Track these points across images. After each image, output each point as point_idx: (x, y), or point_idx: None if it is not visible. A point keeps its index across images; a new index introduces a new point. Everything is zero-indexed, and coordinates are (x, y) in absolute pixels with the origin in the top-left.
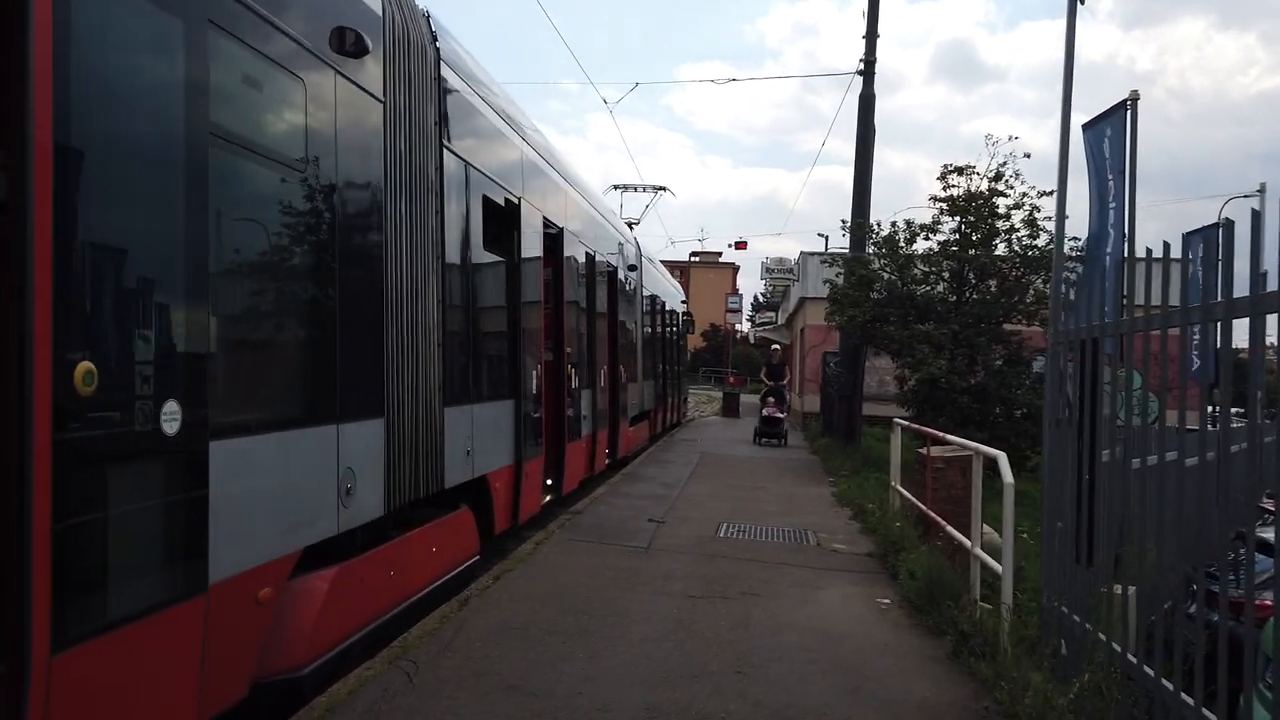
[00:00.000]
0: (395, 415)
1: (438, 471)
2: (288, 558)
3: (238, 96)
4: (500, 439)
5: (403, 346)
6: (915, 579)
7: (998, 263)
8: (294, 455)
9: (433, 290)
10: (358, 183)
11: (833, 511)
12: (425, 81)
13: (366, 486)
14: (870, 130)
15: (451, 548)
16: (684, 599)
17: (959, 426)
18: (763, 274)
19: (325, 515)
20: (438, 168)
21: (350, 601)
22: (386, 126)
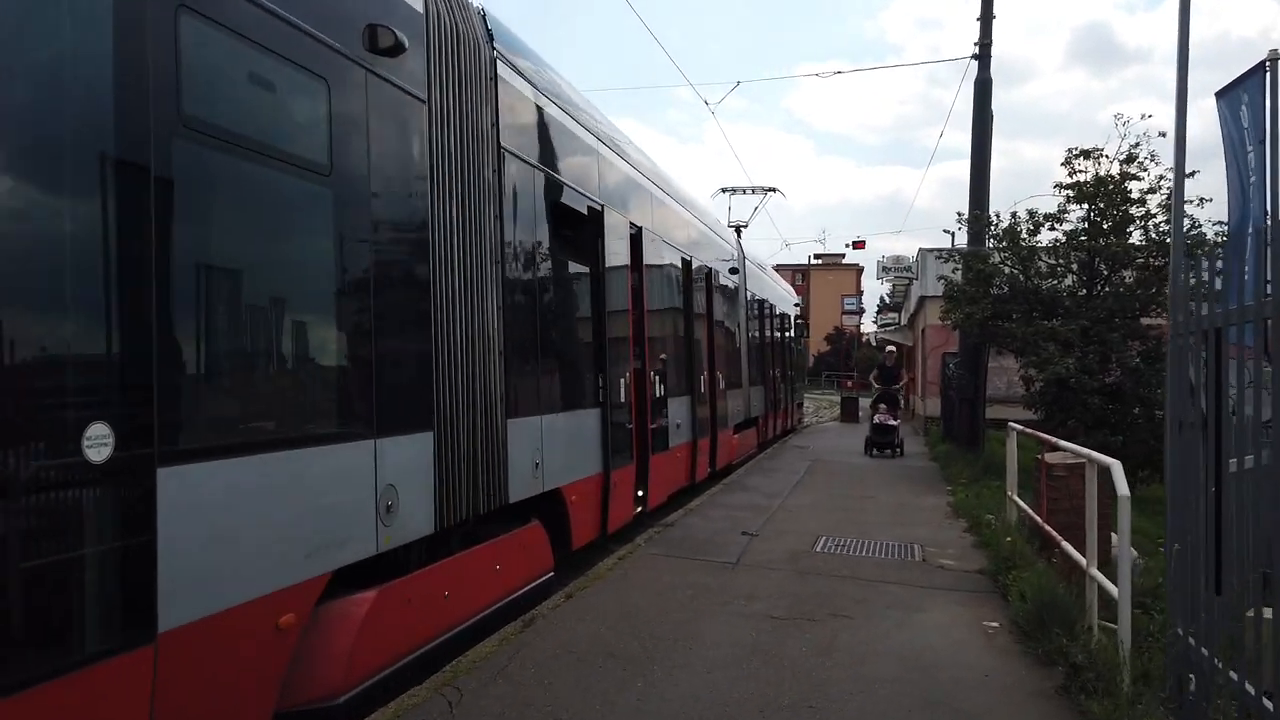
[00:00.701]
0: (446, 428)
1: (499, 486)
2: (312, 582)
3: (238, 92)
4: (578, 450)
5: (454, 357)
6: (1025, 601)
7: (1133, 252)
8: (314, 475)
9: (492, 297)
10: (392, 184)
11: (946, 524)
12: (480, 82)
13: (413, 504)
14: (987, 117)
15: (520, 565)
16: (764, 621)
17: (1091, 430)
18: (878, 273)
19: (360, 535)
20: (496, 171)
21: (396, 624)
22: (431, 127)
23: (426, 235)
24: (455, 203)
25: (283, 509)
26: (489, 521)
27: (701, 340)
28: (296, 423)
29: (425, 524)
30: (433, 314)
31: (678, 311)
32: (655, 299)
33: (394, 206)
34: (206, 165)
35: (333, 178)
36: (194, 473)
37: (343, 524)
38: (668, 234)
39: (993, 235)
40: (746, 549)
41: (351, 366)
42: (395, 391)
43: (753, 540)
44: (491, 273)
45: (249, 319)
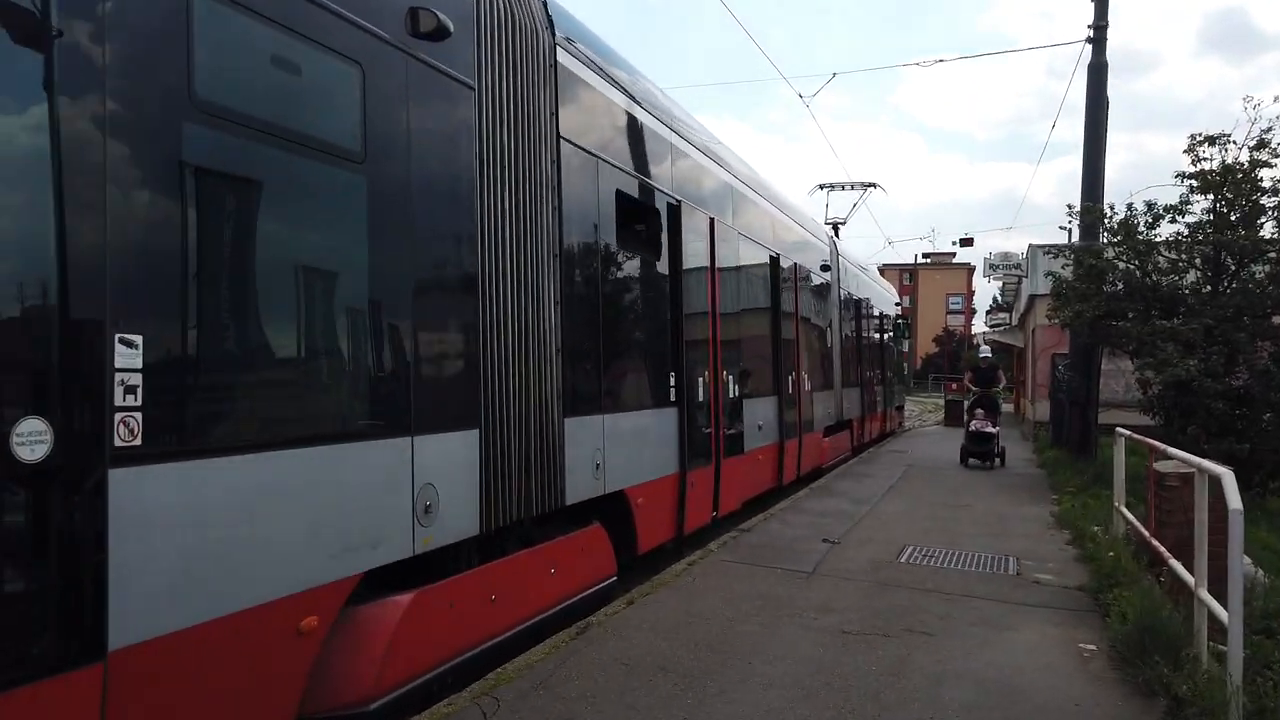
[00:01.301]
0: (495, 426)
1: (555, 487)
2: (339, 584)
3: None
4: (645, 450)
5: (506, 354)
6: (1126, 622)
7: (1264, 245)
8: (336, 474)
9: (549, 291)
10: (435, 172)
11: (1047, 535)
12: (538, 69)
13: (455, 504)
14: (1102, 103)
15: (578, 569)
16: (835, 636)
17: (1215, 437)
18: (985, 271)
19: (395, 536)
20: (554, 161)
21: (437, 628)
22: (481, 115)
23: (474, 225)
24: (508, 193)
25: (297, 510)
26: (548, 523)
27: (788, 340)
28: (310, 419)
29: (469, 525)
30: (481, 308)
31: (761, 310)
32: (735, 297)
33: (436, 194)
34: (218, 149)
35: (367, 165)
36: (160, 474)
37: (374, 524)
38: (749, 229)
39: (1107, 229)
40: (825, 557)
41: (383, 361)
42: (436, 388)
43: (833, 548)
44: (549, 267)
45: (242, 304)
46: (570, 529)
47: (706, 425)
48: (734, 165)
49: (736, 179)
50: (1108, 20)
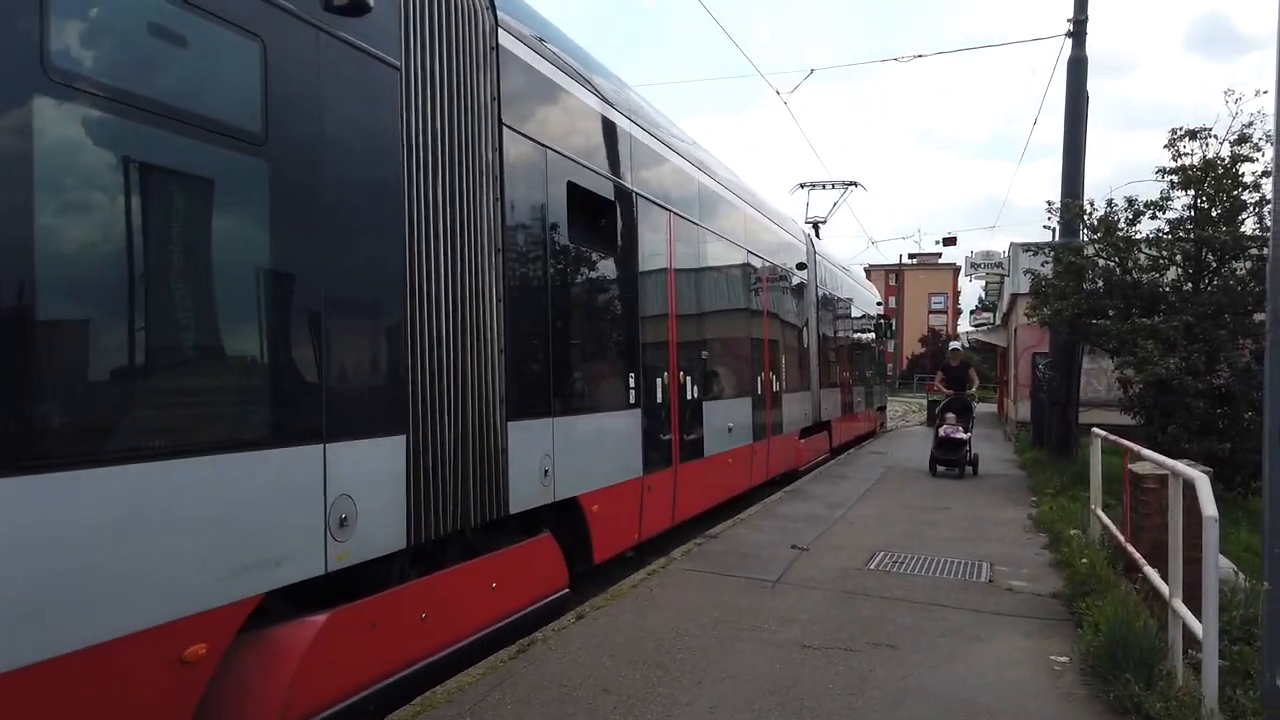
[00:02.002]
0: (426, 432)
1: (497, 495)
2: (232, 607)
3: (135, 44)
4: (600, 455)
5: (440, 353)
6: (1098, 634)
7: (1245, 241)
8: (226, 487)
9: (491, 288)
10: (352, 157)
11: (1023, 539)
12: (476, 51)
13: (377, 516)
14: (1082, 98)
15: (523, 581)
16: (794, 650)
17: (1195, 436)
18: (967, 270)
19: (302, 552)
20: (496, 150)
21: (355, 652)
22: (408, 98)
23: (400, 216)
24: (442, 183)
25: (178, 528)
26: (498, 533)
27: (759, 339)
28: (195, 425)
29: (394, 539)
30: (408, 305)
31: (730, 308)
32: (700, 295)
33: (353, 182)
34: (80, 125)
35: (268, 147)
36: None
37: (276, 540)
38: (716, 225)
39: (1087, 226)
40: (792, 565)
41: (287, 362)
42: (353, 391)
43: (801, 555)
44: (491, 262)
45: (110, 297)
46: (519, 539)
47: (668, 428)
48: (700, 159)
49: (702, 173)
50: (1087, 14)
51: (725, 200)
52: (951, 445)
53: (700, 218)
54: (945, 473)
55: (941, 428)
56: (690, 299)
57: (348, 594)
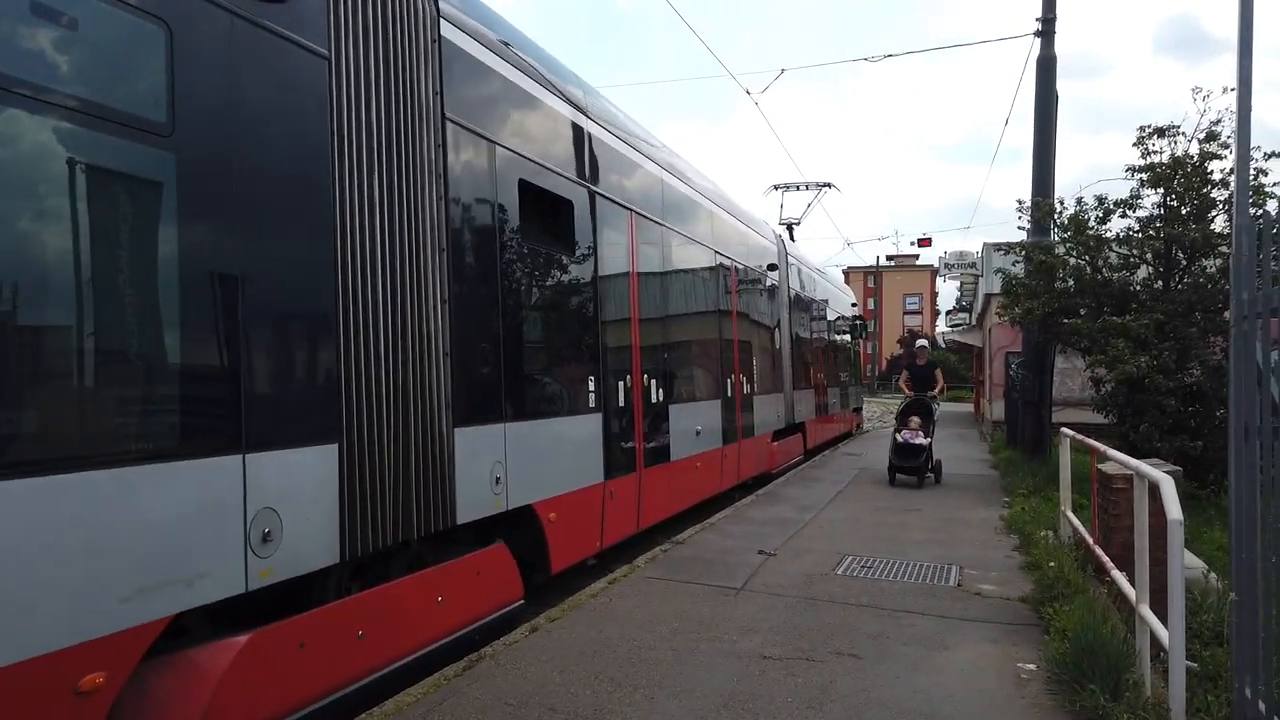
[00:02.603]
0: (361, 439)
1: (442, 505)
2: (136, 631)
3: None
4: (558, 461)
5: (376, 357)
6: (1065, 640)
7: (1215, 239)
8: (131, 501)
9: (434, 288)
10: (272, 150)
11: (994, 541)
12: (416, 42)
13: (305, 530)
14: (1052, 97)
15: (473, 594)
16: (754, 662)
17: (1167, 434)
18: (941, 270)
19: (218, 570)
20: (439, 145)
21: (281, 675)
22: (339, 89)
23: (329, 213)
24: (378, 179)
25: (69, 547)
26: (453, 544)
27: (728, 341)
28: (89, 435)
29: (325, 554)
30: (340, 307)
31: (697, 309)
32: (665, 295)
33: (273, 177)
34: None
35: (175, 139)
36: None
37: (187, 558)
38: (682, 224)
39: (1057, 224)
40: (758, 571)
41: (199, 368)
42: (277, 398)
43: (768, 560)
44: (434, 261)
45: None
46: (471, 549)
47: (632, 432)
48: (665, 158)
49: (667, 172)
50: (1055, 13)
51: (691, 200)
52: (911, 451)
53: (664, 217)
54: (904, 481)
55: (900, 432)
56: (655, 300)
57: (283, 611)
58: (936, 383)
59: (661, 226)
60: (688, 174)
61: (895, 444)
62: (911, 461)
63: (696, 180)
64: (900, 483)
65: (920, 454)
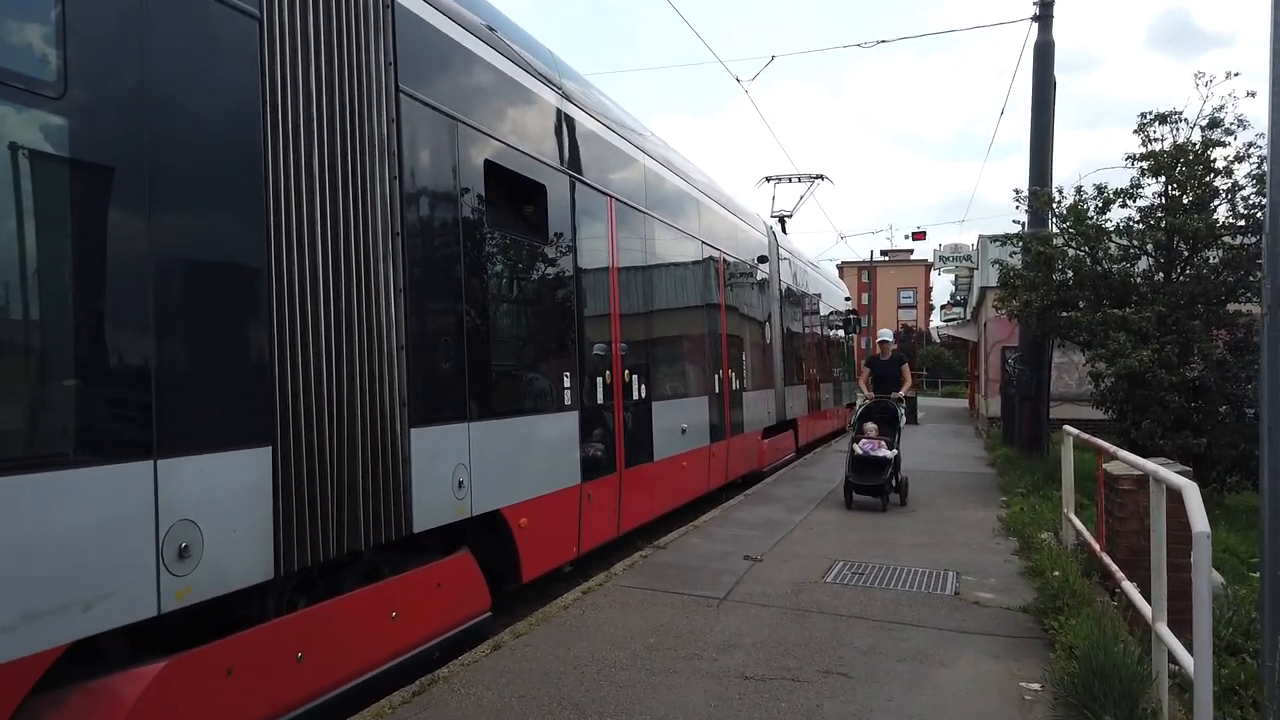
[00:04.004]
0: (299, 442)
1: (396, 512)
2: (17, 665)
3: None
4: (530, 462)
5: (317, 350)
6: (1073, 658)
7: (1218, 229)
8: (10, 515)
9: (387, 276)
10: (189, 118)
11: (992, 544)
12: (364, 6)
13: (230, 543)
14: (1049, 85)
15: (433, 608)
16: (734, 683)
17: (1169, 431)
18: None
19: (125, 591)
20: (392, 120)
21: (204, 706)
22: (271, 54)
23: (257, 190)
24: (318, 155)
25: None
26: (414, 552)
27: (715, 335)
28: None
29: (256, 569)
30: (271, 295)
31: (681, 303)
32: (648, 287)
33: (190, 147)
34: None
35: (68, 101)
36: None
37: (83, 580)
38: (666, 213)
39: (1056, 215)
40: (742, 579)
41: (97, 362)
42: (195, 396)
43: (754, 567)
44: (386, 247)
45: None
46: (434, 559)
47: (611, 431)
48: (647, 142)
49: (650, 158)
50: None
51: (677, 188)
52: (871, 466)
53: (648, 205)
54: (865, 503)
55: (859, 442)
56: (636, 292)
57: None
58: (904, 381)
59: (645, 215)
60: (674, 161)
61: (852, 457)
62: (873, 479)
63: (683, 168)
64: (860, 505)
65: (883, 469)
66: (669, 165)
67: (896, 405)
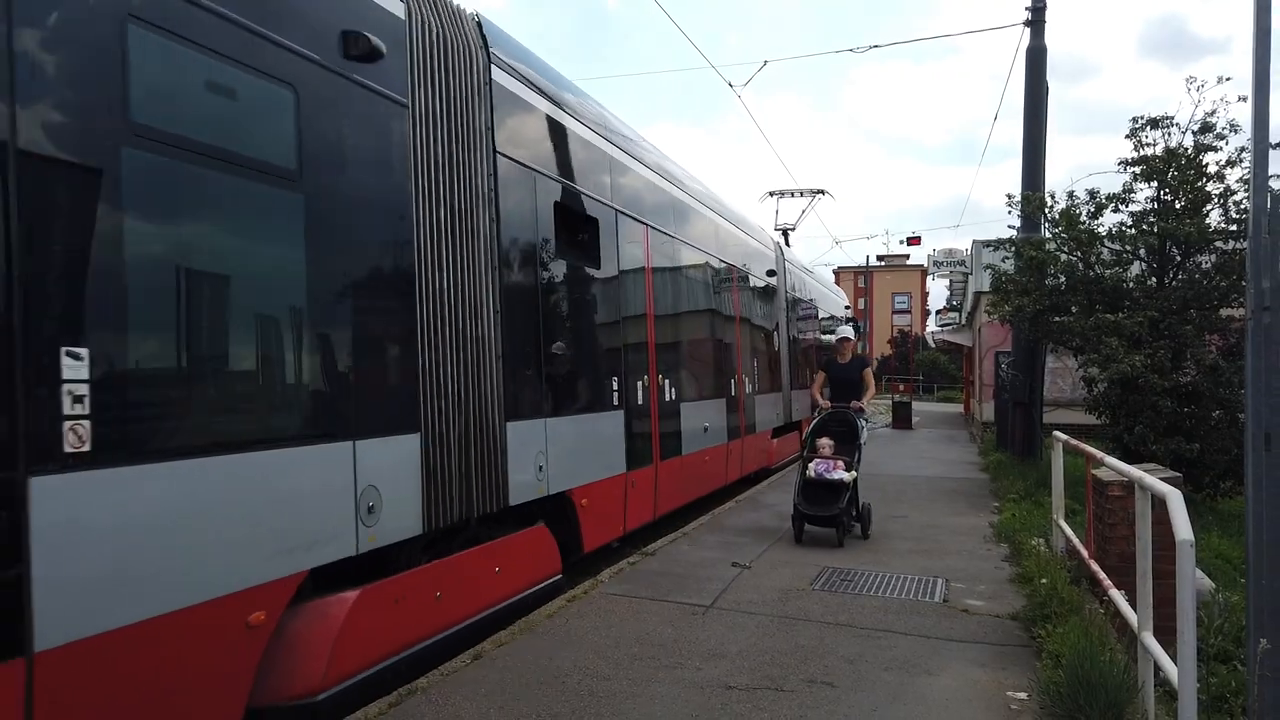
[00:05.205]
0: (435, 431)
1: (497, 489)
2: (282, 582)
3: (186, 95)
4: (588, 453)
5: (445, 361)
6: (1059, 667)
7: (1210, 234)
8: (276, 477)
9: (488, 300)
10: (369, 184)
11: (983, 550)
12: (473, 87)
13: (397, 505)
14: (1042, 89)
15: (523, 567)
16: (716, 693)
17: (1162, 436)
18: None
19: (338, 536)
20: (491, 174)
21: (382, 624)
22: (415, 131)
23: (410, 238)
24: (444, 207)
25: (238, 512)
26: (500, 524)
27: (730, 344)
28: (247, 424)
29: (412, 525)
30: (418, 319)
31: (703, 314)
32: (676, 302)
33: (371, 207)
34: (152, 168)
35: (302, 183)
36: (92, 481)
37: (317, 525)
38: (691, 237)
39: (1048, 219)
40: (730, 586)
41: (319, 368)
42: (376, 395)
43: (741, 574)
44: (488, 276)
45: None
46: (517, 529)
47: (649, 428)
48: (675, 175)
49: (677, 188)
50: (1046, 2)
51: (698, 213)
52: (824, 492)
53: (675, 230)
54: (818, 536)
55: (811, 462)
56: (667, 306)
57: (376, 574)
58: (866, 388)
59: (673, 239)
60: (694, 188)
61: (802, 480)
62: (826, 507)
63: (702, 193)
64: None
65: (839, 495)
66: (690, 192)
67: (857, 417)
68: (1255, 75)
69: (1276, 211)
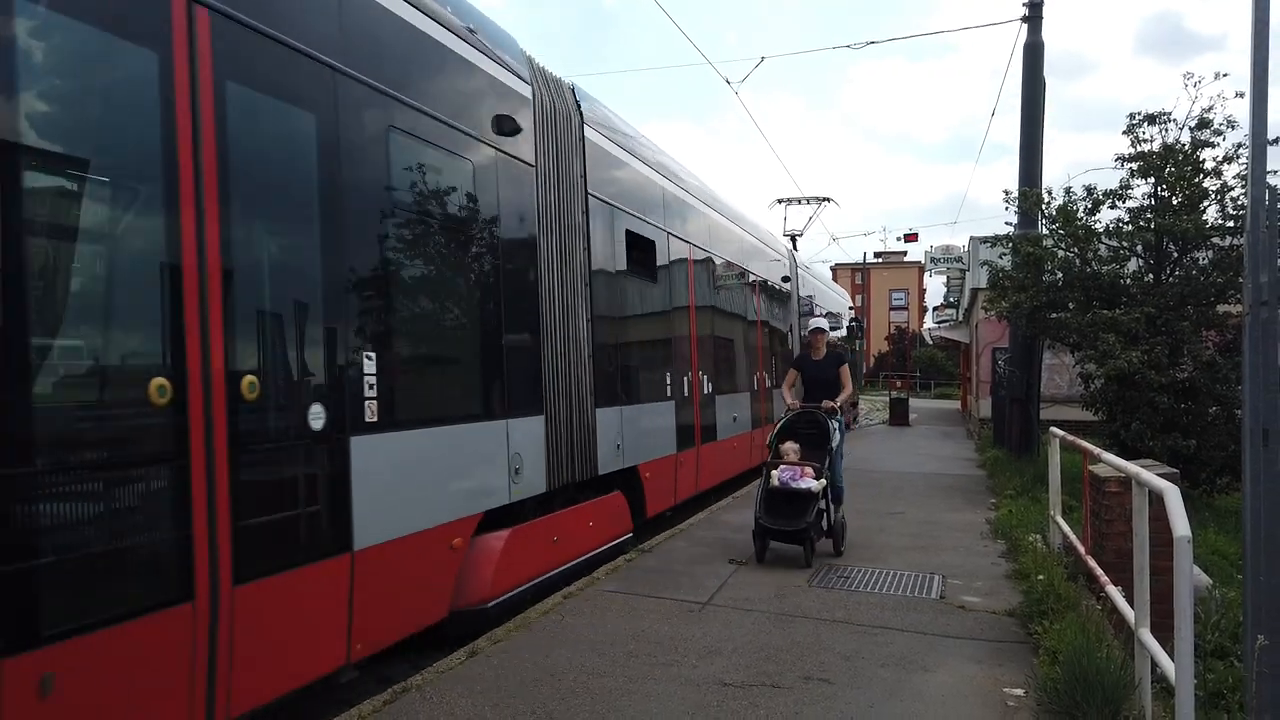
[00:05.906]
0: (553, 413)
1: (591, 460)
2: (470, 519)
3: (414, 179)
4: (650, 435)
5: (557, 360)
6: (1056, 663)
7: (1207, 230)
8: (467, 444)
9: (583, 310)
10: (513, 227)
11: (980, 546)
12: (572, 144)
13: (531, 468)
14: (1039, 85)
15: (607, 524)
16: (713, 690)
17: (1159, 433)
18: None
19: (500, 488)
20: (584, 212)
21: (522, 557)
22: (539, 184)
23: (538, 266)
24: (555, 239)
25: (447, 467)
26: (586, 490)
27: (754, 344)
28: (455, 406)
29: (540, 484)
30: (541, 326)
31: (731, 318)
32: (711, 308)
33: (520, 247)
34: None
35: (474, 227)
36: (380, 440)
37: (489, 479)
38: (724, 250)
39: (1045, 216)
40: (726, 582)
41: (494, 368)
42: (519, 386)
43: (738, 570)
44: (582, 292)
45: (400, 323)
46: (601, 494)
47: (692, 416)
48: (709, 196)
49: (712, 209)
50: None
51: (728, 229)
52: (790, 503)
53: (710, 246)
54: (783, 553)
55: (776, 469)
56: (706, 311)
57: (515, 520)
58: (841, 387)
59: (709, 254)
60: (730, 210)
61: (766, 490)
62: (791, 521)
63: (734, 213)
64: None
65: (807, 507)
66: (725, 212)
67: (829, 418)
68: (1254, 68)
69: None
